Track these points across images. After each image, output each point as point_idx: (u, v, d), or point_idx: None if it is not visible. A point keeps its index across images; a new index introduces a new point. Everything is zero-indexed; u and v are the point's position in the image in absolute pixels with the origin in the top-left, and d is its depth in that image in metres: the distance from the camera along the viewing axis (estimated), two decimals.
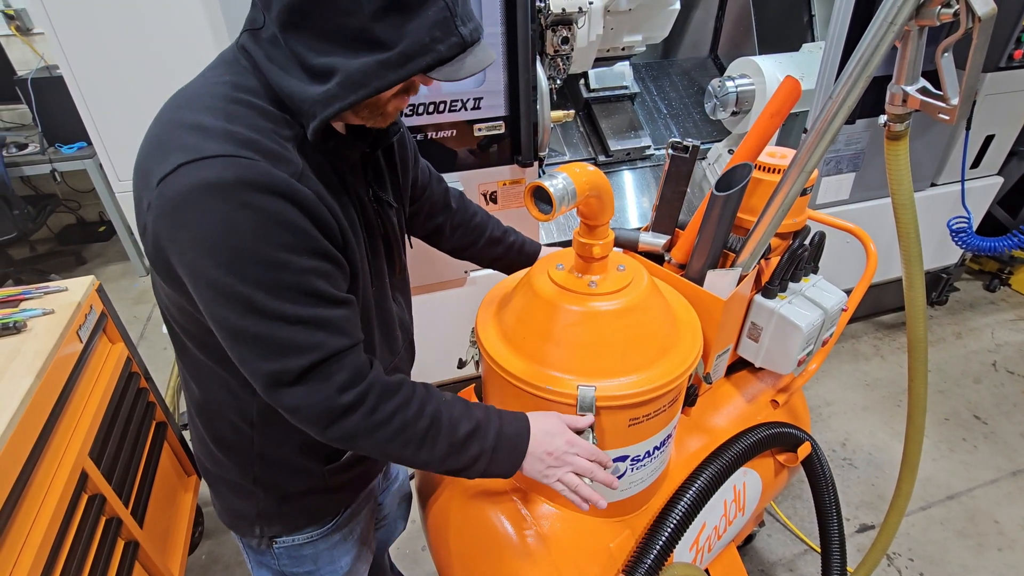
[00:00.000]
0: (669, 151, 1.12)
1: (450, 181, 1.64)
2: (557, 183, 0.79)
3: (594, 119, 2.66)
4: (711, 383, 1.17)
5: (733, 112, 2.31)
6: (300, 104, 0.69)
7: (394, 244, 0.93)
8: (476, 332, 1.01)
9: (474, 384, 1.23)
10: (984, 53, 0.75)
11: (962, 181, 2.46)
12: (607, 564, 1.01)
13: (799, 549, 1.95)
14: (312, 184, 0.71)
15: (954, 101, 0.80)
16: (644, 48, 2.49)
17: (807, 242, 1.22)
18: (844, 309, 1.24)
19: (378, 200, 0.87)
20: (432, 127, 1.71)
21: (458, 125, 1.73)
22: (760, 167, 1.12)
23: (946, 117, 0.81)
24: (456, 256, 1.19)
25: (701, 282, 1.08)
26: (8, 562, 1.01)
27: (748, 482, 1.29)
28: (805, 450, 1.33)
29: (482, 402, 0.94)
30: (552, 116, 1.90)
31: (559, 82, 2.14)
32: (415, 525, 1.39)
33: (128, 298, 3.46)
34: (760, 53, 2.43)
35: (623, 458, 0.97)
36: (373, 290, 0.88)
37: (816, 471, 1.36)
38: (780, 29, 2.63)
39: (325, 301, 0.71)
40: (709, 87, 2.37)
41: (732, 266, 1.06)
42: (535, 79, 1.72)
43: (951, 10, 0.72)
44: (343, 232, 0.76)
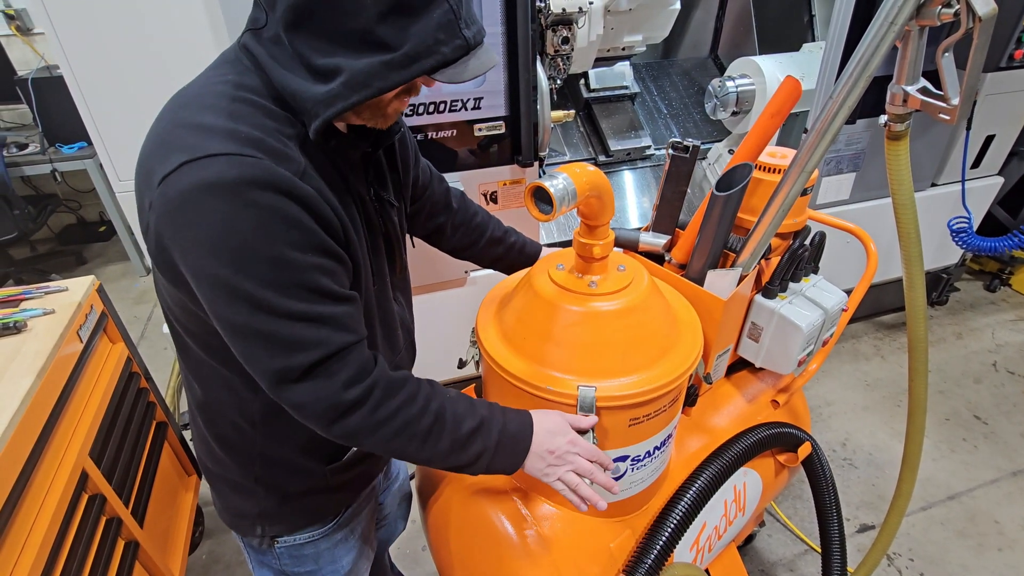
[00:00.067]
0: (669, 151, 1.12)
1: (450, 181, 1.64)
2: (557, 183, 0.79)
3: (594, 119, 2.66)
4: (711, 383, 1.17)
5: (733, 112, 2.31)
6: (303, 103, 0.69)
7: (395, 243, 0.93)
8: (476, 332, 1.01)
9: (474, 384, 1.23)
10: (985, 53, 0.75)
11: (962, 181, 2.45)
12: (607, 564, 1.01)
13: (799, 549, 1.95)
14: (314, 182, 0.71)
15: (955, 101, 0.80)
16: (644, 48, 2.49)
17: (807, 242, 1.22)
18: (844, 309, 1.24)
19: (379, 199, 0.87)
20: (432, 127, 1.71)
21: (458, 125, 1.73)
22: (760, 167, 1.12)
23: (947, 117, 0.81)
24: (456, 256, 1.19)
25: (701, 282, 1.08)
26: (9, 562, 1.01)
27: (748, 482, 1.29)
28: (805, 450, 1.33)
29: None
30: (552, 116, 1.90)
31: (559, 82, 2.14)
32: (415, 525, 1.39)
33: (128, 298, 3.47)
34: (760, 53, 2.42)
35: (623, 458, 0.97)
36: (375, 289, 0.88)
37: (816, 471, 1.36)
38: (780, 29, 2.62)
39: (329, 297, 0.71)
40: (709, 87, 2.37)
41: (732, 266, 1.06)
42: (535, 79, 1.72)
43: (952, 10, 0.72)
44: (345, 230, 0.76)
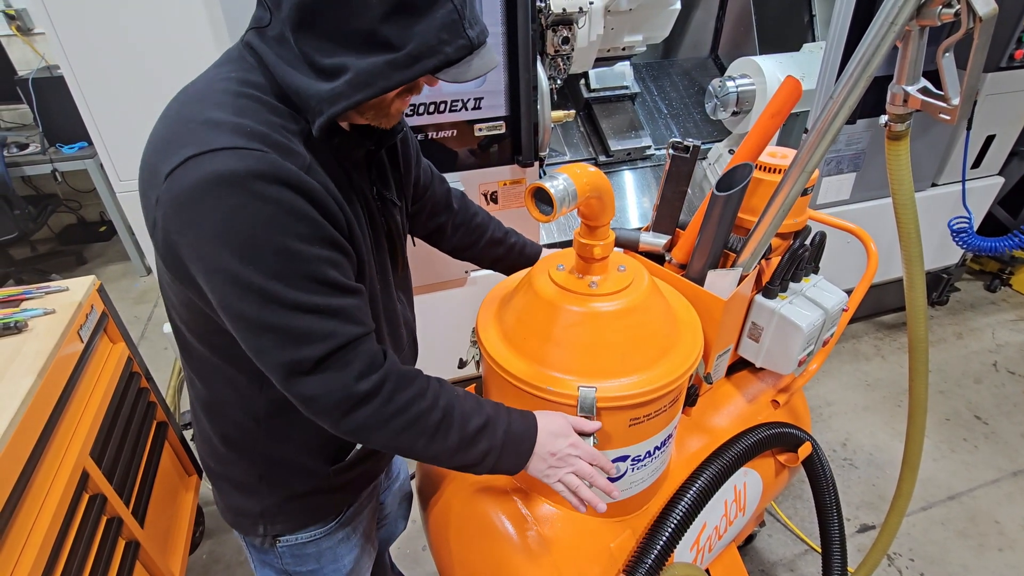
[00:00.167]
0: (670, 151, 1.12)
1: (451, 181, 1.63)
2: (558, 184, 0.79)
3: (595, 119, 2.66)
4: (712, 383, 1.17)
5: (734, 112, 2.31)
6: (307, 100, 0.69)
7: (397, 242, 0.93)
8: (477, 332, 1.01)
9: (474, 384, 1.23)
10: (985, 53, 0.75)
11: (963, 181, 2.45)
12: (608, 564, 1.01)
13: (800, 549, 1.95)
14: (319, 177, 0.71)
15: (955, 101, 0.80)
16: (644, 48, 2.49)
17: (808, 242, 1.22)
18: (845, 309, 1.24)
19: (382, 198, 0.87)
20: (433, 127, 1.71)
21: (459, 125, 1.73)
22: (761, 167, 1.12)
23: (947, 117, 0.81)
24: (456, 256, 1.19)
25: (702, 282, 1.08)
26: (9, 562, 1.01)
27: (749, 482, 1.29)
28: (806, 450, 1.33)
29: None
30: (552, 116, 1.90)
31: (559, 82, 2.14)
32: (416, 525, 1.39)
33: (129, 298, 3.47)
34: (761, 53, 2.42)
35: (623, 458, 0.97)
36: (378, 287, 0.88)
37: (817, 471, 1.36)
38: (781, 29, 2.62)
39: (338, 289, 0.72)
40: (710, 87, 2.37)
41: (733, 266, 1.06)
42: (535, 79, 1.72)
43: (952, 10, 0.72)
44: (350, 225, 0.76)
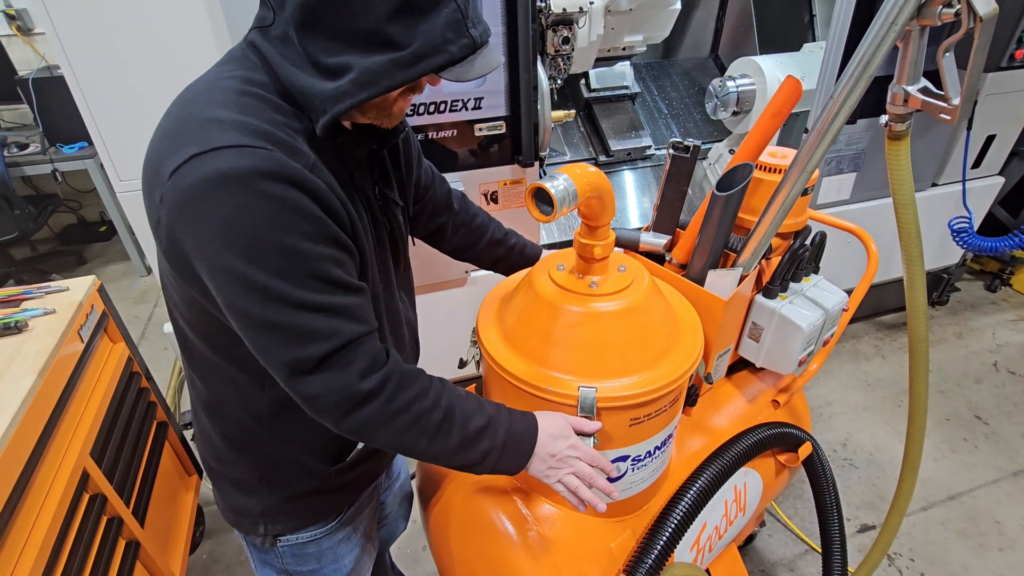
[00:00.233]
0: (670, 151, 1.12)
1: (451, 181, 1.63)
2: (558, 184, 0.79)
3: (595, 119, 2.66)
4: (712, 383, 1.17)
5: (734, 112, 2.31)
6: (311, 99, 0.69)
7: (399, 241, 0.94)
8: (477, 332, 1.01)
9: (475, 384, 1.23)
10: (985, 53, 0.75)
11: (963, 181, 2.45)
12: (608, 564, 1.01)
13: (800, 549, 1.95)
14: (323, 175, 0.72)
15: (955, 101, 0.80)
16: (645, 48, 2.49)
17: (808, 242, 1.22)
18: (845, 309, 1.24)
19: (383, 198, 0.88)
20: (433, 127, 1.71)
21: (459, 125, 1.73)
22: (761, 167, 1.12)
23: (947, 117, 0.81)
24: (457, 257, 1.19)
25: (702, 282, 1.08)
26: (9, 562, 1.01)
27: (749, 482, 1.29)
28: (806, 450, 1.33)
29: None
30: (553, 116, 1.90)
31: (560, 82, 2.14)
32: (416, 525, 1.39)
33: (129, 298, 3.47)
34: (761, 53, 2.42)
35: (624, 458, 0.97)
36: (381, 286, 0.89)
37: (817, 471, 1.36)
38: (781, 29, 2.62)
39: (342, 288, 0.72)
40: (710, 87, 2.37)
41: (733, 266, 1.06)
42: (536, 79, 1.72)
43: (952, 10, 0.72)
44: (353, 224, 0.77)
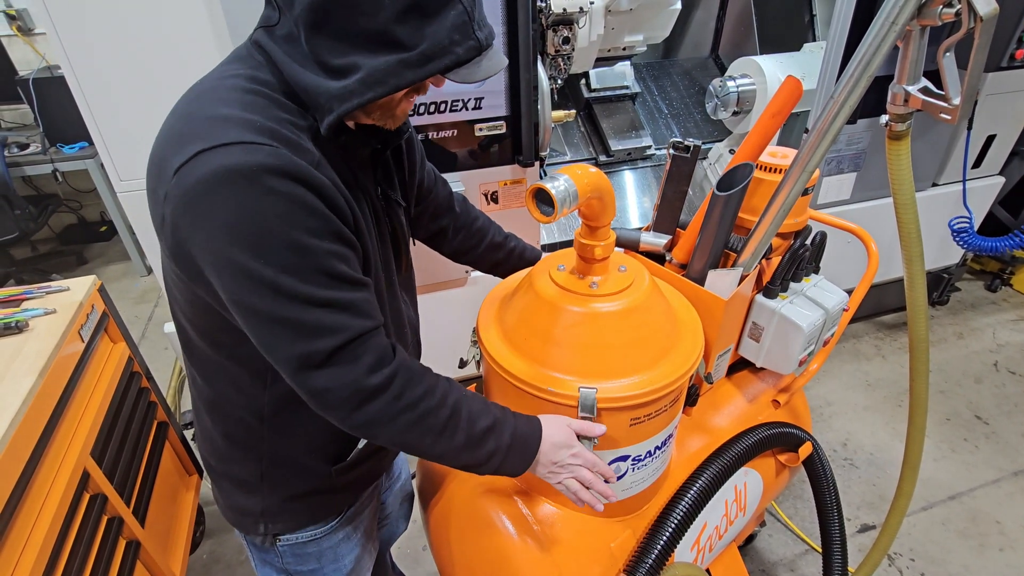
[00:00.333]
0: (670, 151, 1.12)
1: (451, 181, 1.64)
2: (559, 185, 0.79)
3: (595, 119, 2.66)
4: (712, 383, 1.17)
5: (734, 112, 2.31)
6: (317, 98, 0.69)
7: (401, 242, 0.94)
8: (477, 332, 1.01)
9: (475, 384, 1.23)
10: (986, 53, 0.75)
11: (963, 181, 2.45)
12: (608, 564, 1.01)
13: (800, 549, 1.95)
14: (328, 173, 0.72)
15: (956, 101, 0.80)
16: (645, 48, 2.49)
17: (808, 242, 1.22)
18: (845, 309, 1.24)
19: (386, 198, 0.88)
20: (433, 127, 1.71)
21: (459, 125, 1.73)
22: (761, 167, 1.12)
23: (948, 117, 0.81)
24: (456, 260, 1.20)
25: (702, 282, 1.08)
26: (10, 562, 1.01)
27: (749, 482, 1.29)
28: (806, 450, 1.33)
29: None
30: (553, 116, 1.90)
31: (560, 82, 2.14)
32: (416, 524, 1.39)
33: (129, 298, 3.47)
34: (761, 53, 2.42)
35: (624, 458, 0.97)
36: (384, 286, 0.89)
37: (817, 471, 1.36)
38: (781, 29, 2.62)
39: (348, 283, 0.72)
40: (710, 87, 2.37)
41: (733, 266, 1.06)
42: (536, 79, 1.72)
43: (953, 10, 0.72)
44: (356, 222, 0.77)
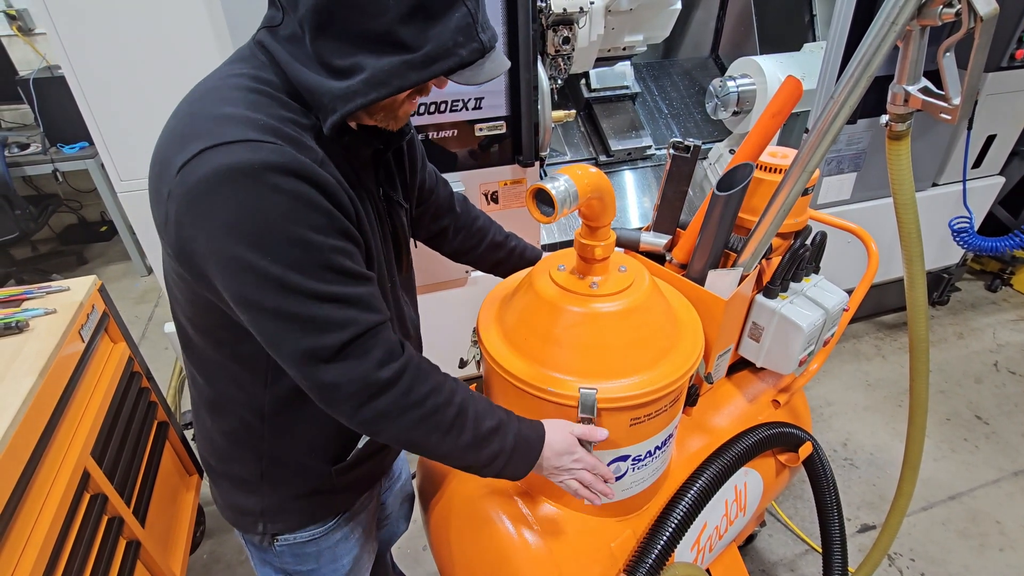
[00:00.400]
0: (670, 151, 1.12)
1: (451, 181, 1.63)
2: (559, 185, 0.79)
3: (595, 119, 2.66)
4: (712, 383, 1.17)
5: (734, 112, 2.31)
6: (320, 98, 0.69)
7: (402, 243, 0.94)
8: (477, 332, 1.01)
9: (475, 384, 1.23)
10: (986, 53, 0.75)
11: (963, 181, 2.45)
12: (608, 564, 1.01)
13: (800, 549, 1.95)
14: (332, 172, 0.72)
15: (956, 101, 0.80)
16: (645, 48, 2.49)
17: (808, 242, 1.22)
18: (845, 309, 1.24)
19: (387, 199, 0.88)
20: (433, 127, 1.71)
21: (459, 125, 1.73)
22: (761, 167, 1.12)
23: (948, 117, 0.81)
24: (457, 260, 1.20)
25: (702, 282, 1.08)
26: (10, 561, 1.01)
27: (749, 482, 1.29)
28: (806, 450, 1.33)
29: None
30: (553, 116, 1.90)
31: (560, 82, 2.14)
32: (416, 524, 1.39)
33: (130, 298, 3.47)
34: (761, 53, 2.42)
35: (624, 458, 0.97)
36: (387, 286, 0.89)
37: (817, 471, 1.36)
38: (781, 29, 2.62)
39: (354, 278, 0.72)
40: (710, 87, 2.37)
41: (733, 266, 1.06)
42: (536, 79, 1.72)
43: (953, 10, 0.72)
44: (360, 220, 0.77)
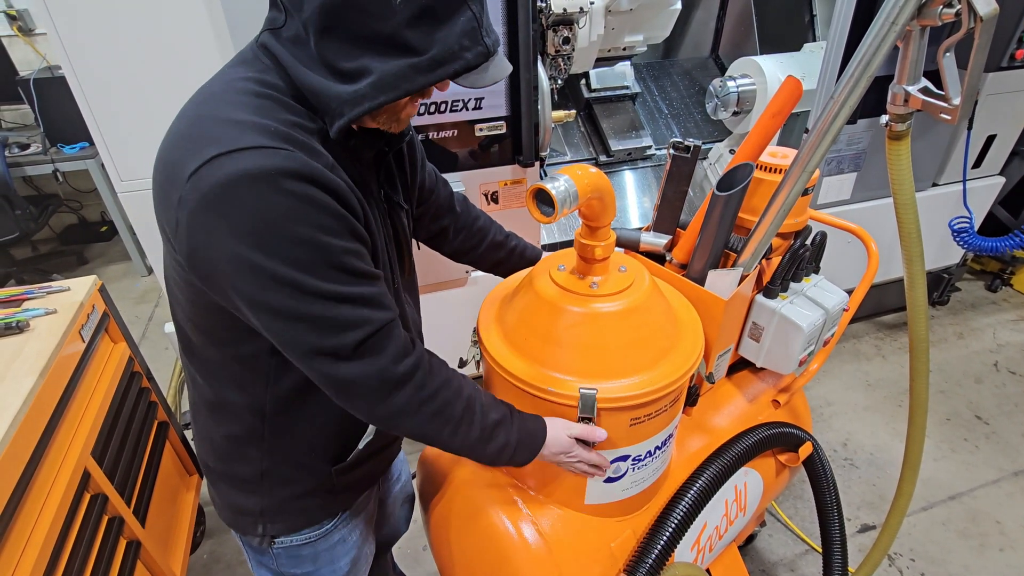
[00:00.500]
0: (670, 151, 1.12)
1: (451, 181, 1.63)
2: (559, 186, 0.79)
3: (595, 119, 2.66)
4: (712, 383, 1.17)
5: (734, 112, 2.31)
6: (327, 102, 0.69)
7: (404, 244, 0.95)
8: (478, 332, 1.01)
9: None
10: (986, 53, 0.75)
11: (964, 181, 2.45)
12: (608, 564, 1.01)
13: (800, 549, 1.95)
14: (341, 176, 0.73)
15: (956, 101, 0.80)
16: (645, 48, 2.49)
17: (808, 242, 1.22)
18: (845, 309, 1.24)
19: (389, 201, 0.88)
20: (433, 127, 1.71)
21: (459, 125, 1.73)
22: (761, 167, 1.12)
23: (948, 117, 0.81)
24: (457, 260, 1.20)
25: (702, 282, 1.08)
26: (11, 561, 1.01)
27: (749, 482, 1.29)
28: (806, 450, 1.33)
29: None
30: (553, 116, 1.90)
31: (560, 82, 2.14)
32: (416, 524, 1.39)
33: (130, 298, 3.47)
34: (761, 53, 2.42)
35: (624, 458, 0.97)
36: (390, 287, 0.89)
37: (817, 471, 1.36)
38: (781, 29, 2.62)
39: (366, 278, 0.74)
40: (710, 87, 2.37)
41: (733, 266, 1.06)
42: (536, 79, 1.72)
43: (953, 10, 0.72)
44: (368, 222, 0.78)
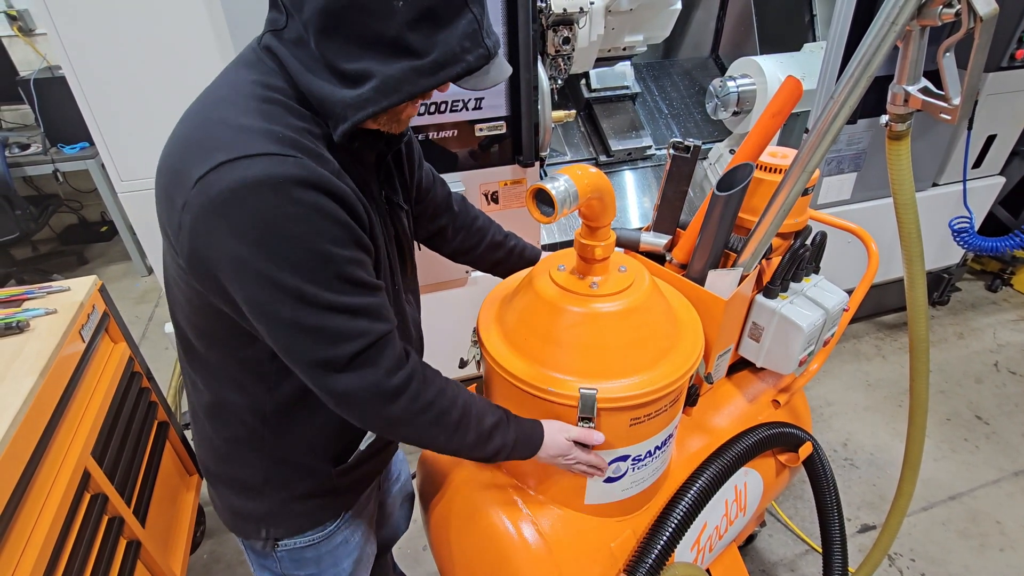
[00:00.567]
0: (670, 151, 1.12)
1: (451, 181, 1.64)
2: (559, 186, 0.79)
3: (595, 119, 2.66)
4: (712, 383, 1.17)
5: (734, 112, 2.31)
6: (331, 106, 0.69)
7: (406, 245, 0.95)
8: (478, 332, 1.01)
9: (475, 384, 1.23)
10: (986, 53, 0.75)
11: (964, 181, 2.45)
12: (608, 564, 1.01)
13: (800, 549, 1.95)
14: (347, 182, 0.73)
15: (956, 101, 0.80)
16: (645, 48, 2.49)
17: (808, 242, 1.22)
18: (845, 309, 1.24)
19: (389, 202, 0.88)
20: (433, 127, 1.71)
21: (459, 125, 1.73)
22: (761, 167, 1.12)
23: (948, 117, 0.81)
24: (457, 260, 1.20)
25: (702, 282, 1.08)
26: (11, 561, 1.01)
27: (749, 482, 1.29)
28: (806, 450, 1.33)
29: None
30: (553, 116, 1.90)
31: (560, 82, 2.14)
32: (416, 524, 1.39)
33: (130, 298, 3.47)
34: (761, 53, 2.42)
35: (624, 458, 0.97)
36: (391, 289, 0.89)
37: (817, 471, 1.36)
38: (781, 29, 2.62)
39: (367, 288, 0.74)
40: (710, 87, 2.37)
41: (733, 266, 1.06)
42: (536, 79, 1.72)
43: (953, 10, 0.72)
44: (372, 228, 0.78)
